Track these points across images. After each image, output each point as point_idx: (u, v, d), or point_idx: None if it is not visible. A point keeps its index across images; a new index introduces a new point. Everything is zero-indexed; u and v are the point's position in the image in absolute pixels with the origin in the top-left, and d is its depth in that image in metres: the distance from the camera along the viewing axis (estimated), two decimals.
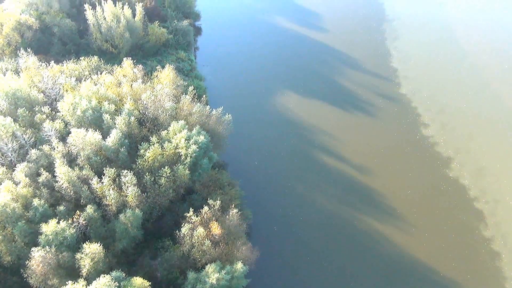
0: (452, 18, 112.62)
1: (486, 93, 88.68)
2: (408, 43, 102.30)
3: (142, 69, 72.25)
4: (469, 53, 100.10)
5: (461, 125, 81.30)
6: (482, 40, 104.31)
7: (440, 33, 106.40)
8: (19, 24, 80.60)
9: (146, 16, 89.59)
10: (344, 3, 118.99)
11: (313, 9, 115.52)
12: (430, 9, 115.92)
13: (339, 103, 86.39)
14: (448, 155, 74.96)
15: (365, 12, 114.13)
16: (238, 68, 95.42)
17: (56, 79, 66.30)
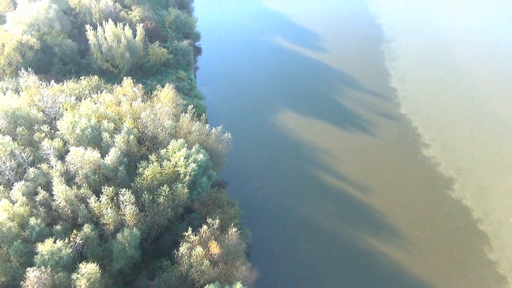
0: (449, 39, 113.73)
1: (485, 112, 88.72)
2: (406, 64, 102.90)
3: (142, 88, 72.56)
4: (466, 72, 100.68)
5: (462, 145, 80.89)
6: (479, 60, 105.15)
7: (438, 54, 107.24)
8: (21, 44, 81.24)
9: (147, 36, 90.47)
10: (343, 24, 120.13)
11: (312, 29, 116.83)
12: (427, 30, 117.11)
13: (339, 122, 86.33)
14: (450, 176, 74.20)
15: (364, 33, 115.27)
16: (238, 88, 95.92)
17: (56, 98, 66.44)
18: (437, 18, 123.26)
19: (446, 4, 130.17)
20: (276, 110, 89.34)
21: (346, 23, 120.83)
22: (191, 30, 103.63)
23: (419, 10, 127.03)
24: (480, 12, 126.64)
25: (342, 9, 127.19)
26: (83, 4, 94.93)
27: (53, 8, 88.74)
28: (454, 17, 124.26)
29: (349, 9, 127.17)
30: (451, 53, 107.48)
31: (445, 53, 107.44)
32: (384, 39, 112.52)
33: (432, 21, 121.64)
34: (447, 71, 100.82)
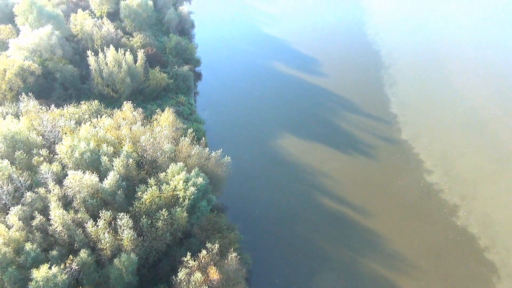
0: (447, 63, 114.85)
1: (486, 136, 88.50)
2: (406, 89, 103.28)
3: (141, 113, 72.68)
4: (465, 96, 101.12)
5: (465, 170, 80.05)
6: (477, 83, 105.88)
7: (436, 79, 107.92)
8: (22, 69, 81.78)
9: (147, 61, 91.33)
10: (342, 50, 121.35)
11: (311, 55, 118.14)
12: (425, 56, 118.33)
13: (340, 147, 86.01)
14: (454, 203, 73.03)
15: (363, 59, 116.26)
16: (238, 112, 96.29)
17: (56, 122, 66.42)
18: (435, 42, 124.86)
19: (444, 28, 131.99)
20: (275, 134, 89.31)
21: (345, 49, 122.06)
22: (192, 56, 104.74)
23: (417, 36, 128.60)
24: (478, 36, 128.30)
25: (341, 36, 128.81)
26: (85, 31, 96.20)
27: (55, 35, 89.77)
28: (452, 41, 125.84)
29: (348, 36, 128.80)
30: (450, 77, 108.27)
31: (443, 78, 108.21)
32: (383, 65, 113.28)
33: (430, 46, 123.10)
34: (446, 96, 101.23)
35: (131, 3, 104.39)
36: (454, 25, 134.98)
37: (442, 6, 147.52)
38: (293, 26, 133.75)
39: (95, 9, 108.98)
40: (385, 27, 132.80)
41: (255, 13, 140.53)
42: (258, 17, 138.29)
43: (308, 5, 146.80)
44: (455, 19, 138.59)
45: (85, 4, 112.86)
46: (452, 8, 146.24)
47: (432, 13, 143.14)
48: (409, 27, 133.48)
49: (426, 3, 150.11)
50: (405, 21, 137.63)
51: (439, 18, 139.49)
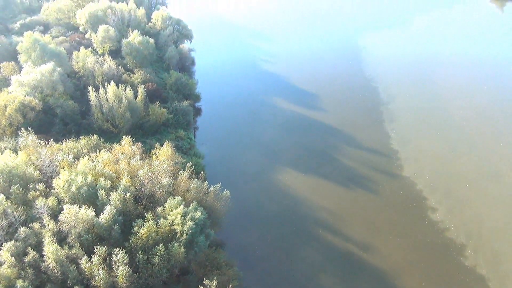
0: (445, 97, 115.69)
1: (487, 172, 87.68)
2: (405, 125, 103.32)
3: (140, 147, 72.46)
4: (465, 131, 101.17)
5: (469, 207, 78.59)
6: (475, 115, 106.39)
7: (434, 113, 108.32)
8: (23, 105, 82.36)
9: (148, 97, 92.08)
10: (340, 86, 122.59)
11: (309, 89, 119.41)
12: (422, 90, 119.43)
13: (341, 183, 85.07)
14: (461, 242, 71.07)
15: (361, 95, 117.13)
16: (237, 147, 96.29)
17: (54, 157, 66.04)
18: (431, 76, 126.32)
19: (440, 62, 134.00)
20: (275, 169, 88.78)
21: (343, 86, 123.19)
22: (192, 92, 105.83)
23: (413, 70, 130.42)
24: (475, 68, 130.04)
25: (339, 73, 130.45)
26: (87, 68, 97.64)
27: (57, 71, 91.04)
28: (449, 74, 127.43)
29: (346, 72, 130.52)
30: (449, 111, 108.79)
31: (442, 112, 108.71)
32: (381, 101, 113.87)
33: (426, 80, 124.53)
34: (446, 130, 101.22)
35: (133, 41, 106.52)
36: (450, 59, 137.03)
37: (437, 40, 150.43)
38: (291, 62, 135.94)
39: (97, 47, 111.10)
40: (382, 63, 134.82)
41: (255, 50, 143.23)
42: (258, 53, 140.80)
43: (305, 43, 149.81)
44: (452, 53, 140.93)
45: (88, 42, 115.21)
46: (448, 42, 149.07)
47: (427, 47, 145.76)
48: (405, 62, 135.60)
49: (421, 39, 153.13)
50: (401, 56, 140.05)
51: (435, 52, 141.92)
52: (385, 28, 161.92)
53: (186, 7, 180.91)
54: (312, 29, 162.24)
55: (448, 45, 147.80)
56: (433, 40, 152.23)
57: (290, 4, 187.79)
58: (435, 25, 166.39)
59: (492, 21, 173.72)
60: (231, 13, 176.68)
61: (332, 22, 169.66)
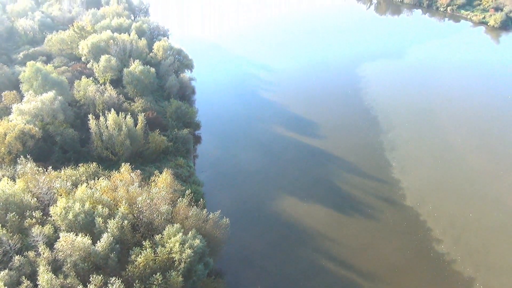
0: (444, 125, 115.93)
1: (490, 200, 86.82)
2: (406, 154, 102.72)
3: (139, 174, 71.95)
4: (465, 160, 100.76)
5: (474, 238, 77.30)
6: (476, 145, 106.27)
7: (434, 142, 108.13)
8: (23, 133, 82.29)
9: (148, 125, 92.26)
10: (340, 114, 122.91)
11: (309, 118, 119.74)
12: (421, 119, 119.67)
13: (344, 212, 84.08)
14: (469, 275, 69.30)
15: (361, 124, 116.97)
16: (237, 174, 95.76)
17: (52, 184, 65.49)
18: (430, 105, 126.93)
19: (439, 91, 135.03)
20: (275, 196, 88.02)
21: (342, 114, 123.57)
22: (192, 120, 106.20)
23: (412, 99, 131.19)
24: (475, 96, 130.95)
25: (338, 101, 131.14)
26: (88, 96, 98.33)
27: (58, 100, 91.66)
28: (448, 103, 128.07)
29: (345, 101, 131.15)
30: (449, 140, 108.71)
31: (442, 141, 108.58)
32: (381, 130, 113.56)
33: (426, 108, 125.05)
34: (447, 159, 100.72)
35: (134, 70, 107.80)
36: (449, 88, 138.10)
37: (435, 70, 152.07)
38: (290, 90, 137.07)
39: (99, 77, 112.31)
40: (381, 91, 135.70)
41: (255, 80, 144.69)
42: (258, 83, 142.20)
43: (304, 70, 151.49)
44: (450, 82, 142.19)
45: (90, 72, 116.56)
46: (446, 71, 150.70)
47: (425, 77, 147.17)
48: (404, 91, 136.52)
49: (418, 68, 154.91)
50: (400, 85, 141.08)
51: (433, 82, 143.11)
52: (383, 57, 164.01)
53: (187, 37, 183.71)
54: (311, 57, 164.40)
55: (446, 74, 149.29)
56: (431, 69, 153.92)
57: (289, 35, 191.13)
58: (432, 54, 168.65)
59: (489, 51, 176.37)
60: (231, 42, 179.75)
61: (331, 50, 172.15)
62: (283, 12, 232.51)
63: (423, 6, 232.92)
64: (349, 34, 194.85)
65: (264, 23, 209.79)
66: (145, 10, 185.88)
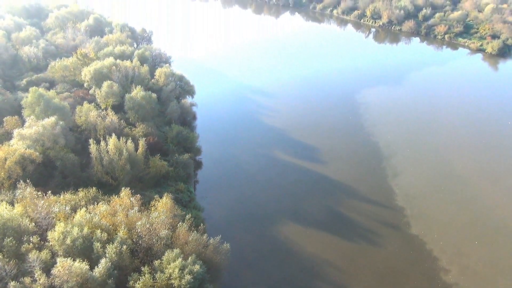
0: (445, 151, 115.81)
1: (494, 226, 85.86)
2: (409, 181, 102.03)
3: (139, 199, 71.28)
4: (467, 183, 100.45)
5: (482, 266, 75.92)
6: (478, 168, 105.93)
7: (437, 168, 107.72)
8: (23, 158, 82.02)
9: (148, 150, 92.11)
10: (341, 141, 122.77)
11: (310, 144, 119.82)
12: (422, 145, 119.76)
13: (347, 239, 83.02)
14: None
15: (363, 150, 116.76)
16: (238, 200, 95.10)
17: (50, 209, 64.76)
18: (431, 131, 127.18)
19: (440, 116, 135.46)
20: (276, 222, 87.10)
21: (343, 140, 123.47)
22: (192, 145, 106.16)
23: (413, 125, 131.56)
24: (475, 120, 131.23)
25: (339, 128, 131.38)
26: (89, 121, 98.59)
27: (59, 125, 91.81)
28: (448, 128, 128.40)
29: (346, 128, 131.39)
30: (451, 165, 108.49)
31: (445, 166, 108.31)
32: (383, 156, 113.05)
33: (426, 134, 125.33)
34: (450, 185, 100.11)
35: (136, 96, 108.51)
36: (448, 114, 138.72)
37: (434, 96, 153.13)
38: (291, 116, 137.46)
39: (101, 102, 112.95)
40: (381, 118, 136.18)
41: (256, 106, 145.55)
42: (259, 109, 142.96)
43: (304, 98, 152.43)
44: (450, 108, 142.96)
45: (92, 98, 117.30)
46: (445, 98, 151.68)
47: (424, 103, 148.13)
48: (405, 118, 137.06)
49: (418, 94, 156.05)
50: (400, 111, 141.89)
51: (433, 107, 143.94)
52: (383, 83, 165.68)
53: (189, 61, 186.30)
54: (312, 83, 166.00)
55: (446, 99, 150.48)
56: (431, 95, 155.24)
57: (291, 59, 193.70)
58: (432, 80, 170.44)
59: (487, 78, 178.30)
60: (233, 69, 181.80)
61: (332, 76, 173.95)
62: (285, 37, 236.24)
63: (421, 34, 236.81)
64: (349, 60, 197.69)
65: (268, 48, 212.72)
66: (147, 38, 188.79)
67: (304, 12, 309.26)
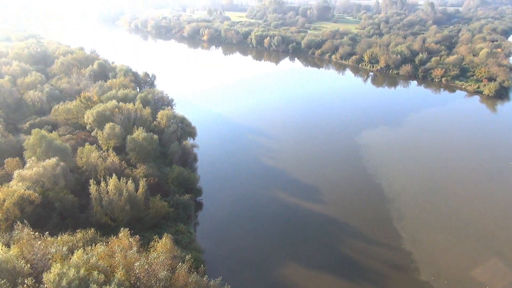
0: (450, 190, 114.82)
1: (503, 271, 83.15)
2: (415, 223, 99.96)
3: (138, 240, 69.80)
4: (474, 225, 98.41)
5: None
6: (484, 206, 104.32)
7: (442, 209, 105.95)
8: (22, 199, 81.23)
9: (149, 190, 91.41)
10: (345, 183, 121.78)
11: (312, 184, 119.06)
12: (426, 185, 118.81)
13: (354, 283, 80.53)
14: None
15: (366, 192, 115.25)
16: (238, 241, 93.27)
17: (47, 250, 63.25)
18: (434, 171, 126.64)
19: (442, 155, 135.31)
20: (278, 263, 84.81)
21: (347, 182, 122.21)
22: (193, 186, 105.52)
23: (415, 165, 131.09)
24: (478, 159, 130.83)
25: (341, 169, 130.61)
26: (90, 162, 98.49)
27: (60, 166, 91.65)
28: (451, 167, 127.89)
29: (347, 169, 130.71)
30: (456, 205, 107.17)
31: (450, 207, 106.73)
32: (386, 198, 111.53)
33: (430, 174, 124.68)
34: (457, 226, 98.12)
35: (137, 137, 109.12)
36: (448, 154, 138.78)
37: (434, 136, 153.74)
38: (293, 159, 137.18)
39: (102, 144, 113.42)
40: (382, 159, 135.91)
41: (258, 146, 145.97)
42: (261, 150, 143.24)
43: (306, 141, 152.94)
44: (449, 148, 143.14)
45: (93, 140, 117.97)
46: (444, 137, 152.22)
47: (424, 143, 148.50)
48: (405, 159, 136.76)
49: (417, 135, 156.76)
50: (400, 152, 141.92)
51: (432, 148, 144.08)
52: (383, 125, 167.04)
53: (191, 105, 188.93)
54: (313, 126, 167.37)
55: (446, 142, 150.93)
56: (430, 137, 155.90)
57: (292, 103, 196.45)
58: (431, 122, 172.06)
59: (487, 119, 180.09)
60: (235, 111, 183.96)
61: (331, 119, 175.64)
62: (285, 81, 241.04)
63: (419, 77, 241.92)
64: (350, 103, 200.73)
65: (269, 91, 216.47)
66: (150, 82, 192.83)
67: (303, 57, 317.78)
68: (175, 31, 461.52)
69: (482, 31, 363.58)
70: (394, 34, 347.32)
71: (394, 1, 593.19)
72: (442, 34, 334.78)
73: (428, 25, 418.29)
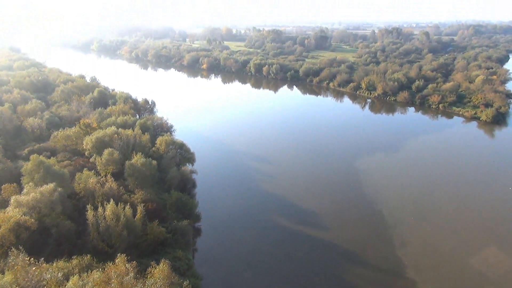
0: (451, 217, 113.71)
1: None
2: (418, 250, 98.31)
3: (135, 266, 68.46)
4: (477, 253, 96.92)
5: None
6: (486, 233, 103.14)
7: (444, 235, 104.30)
8: (18, 225, 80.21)
9: (147, 216, 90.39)
10: (345, 210, 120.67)
11: (313, 210, 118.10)
12: (427, 213, 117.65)
13: None
14: None
15: (368, 219, 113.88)
16: (238, 267, 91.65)
17: (42, 276, 61.95)
18: (435, 196, 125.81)
19: (443, 181, 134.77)
20: None
21: (348, 209, 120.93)
22: (192, 211, 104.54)
23: (416, 190, 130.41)
24: (475, 188, 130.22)
25: (341, 195, 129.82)
26: (88, 188, 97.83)
27: (57, 192, 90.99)
28: (452, 192, 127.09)
29: (347, 195, 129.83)
30: (458, 230, 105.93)
31: (452, 232, 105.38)
32: (387, 224, 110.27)
33: (430, 200, 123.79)
34: (460, 252, 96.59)
35: (136, 163, 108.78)
36: (447, 179, 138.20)
37: (433, 162, 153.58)
38: (293, 185, 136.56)
39: (100, 169, 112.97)
40: (382, 186, 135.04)
41: (256, 173, 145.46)
42: (259, 176, 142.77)
43: (306, 168, 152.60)
44: (450, 172, 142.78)
45: (92, 166, 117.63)
46: (443, 163, 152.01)
47: (425, 168, 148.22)
48: (405, 185, 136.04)
49: (416, 159, 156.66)
50: (400, 179, 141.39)
51: (432, 173, 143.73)
52: (382, 151, 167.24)
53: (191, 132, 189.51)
54: (310, 153, 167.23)
55: (445, 167, 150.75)
56: (429, 162, 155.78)
57: (289, 127, 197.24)
58: (429, 148, 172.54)
59: (485, 144, 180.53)
60: (234, 138, 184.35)
61: (331, 146, 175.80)
62: (283, 108, 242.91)
63: (416, 104, 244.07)
64: (348, 129, 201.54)
65: (268, 119, 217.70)
66: (150, 109, 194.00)
67: (301, 85, 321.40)
68: (175, 60, 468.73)
69: (477, 59, 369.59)
70: (391, 62, 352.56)
71: (390, 31, 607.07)
72: (438, 62, 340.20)
73: (423, 54, 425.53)
